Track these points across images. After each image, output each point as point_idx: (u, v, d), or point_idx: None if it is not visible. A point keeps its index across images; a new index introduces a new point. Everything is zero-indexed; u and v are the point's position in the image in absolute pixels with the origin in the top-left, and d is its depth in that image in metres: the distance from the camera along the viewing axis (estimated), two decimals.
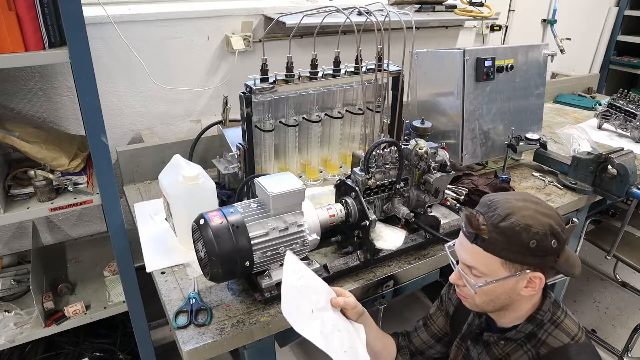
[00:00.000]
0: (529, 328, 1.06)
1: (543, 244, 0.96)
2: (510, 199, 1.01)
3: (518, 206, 0.98)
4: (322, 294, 1.10)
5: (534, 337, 1.05)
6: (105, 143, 1.40)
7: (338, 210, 1.28)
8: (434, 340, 1.33)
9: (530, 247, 0.95)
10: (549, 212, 0.99)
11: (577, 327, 1.06)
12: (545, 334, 1.04)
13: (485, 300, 1.05)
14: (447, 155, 1.43)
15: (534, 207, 0.99)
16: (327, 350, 1.00)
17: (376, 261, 1.34)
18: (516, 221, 0.96)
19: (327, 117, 1.73)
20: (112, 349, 1.97)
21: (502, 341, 1.10)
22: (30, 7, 1.23)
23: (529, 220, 0.96)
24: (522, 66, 1.92)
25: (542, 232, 0.95)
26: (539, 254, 0.97)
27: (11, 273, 1.77)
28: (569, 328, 1.05)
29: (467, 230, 1.02)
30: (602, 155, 1.73)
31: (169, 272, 1.31)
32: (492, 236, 0.97)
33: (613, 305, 2.81)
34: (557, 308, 1.08)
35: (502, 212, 0.98)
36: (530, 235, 0.95)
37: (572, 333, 1.04)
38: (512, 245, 0.96)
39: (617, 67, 3.81)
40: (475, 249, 1.00)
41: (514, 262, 0.98)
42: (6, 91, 1.70)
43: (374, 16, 1.51)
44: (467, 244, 1.02)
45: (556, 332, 1.04)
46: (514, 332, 1.07)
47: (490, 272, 1.00)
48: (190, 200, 1.31)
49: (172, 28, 1.90)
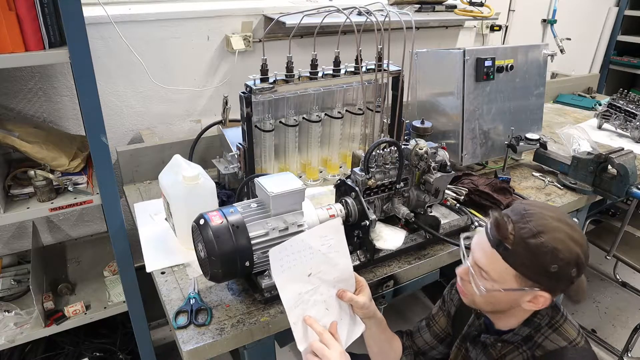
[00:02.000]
0: (526, 331, 1.05)
1: (564, 271, 0.93)
2: (546, 215, 0.96)
3: (552, 226, 0.93)
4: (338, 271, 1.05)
5: (530, 340, 1.04)
6: (105, 143, 1.39)
7: (338, 210, 1.28)
8: (436, 341, 1.33)
9: (550, 270, 0.92)
10: (580, 240, 0.95)
11: (577, 332, 1.05)
12: (542, 337, 1.03)
13: (485, 302, 1.04)
14: (447, 155, 1.43)
15: (567, 230, 0.94)
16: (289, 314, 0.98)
17: (376, 261, 1.34)
18: (546, 242, 0.91)
19: (327, 117, 1.73)
20: (112, 349, 1.97)
21: (499, 343, 1.09)
22: (30, 7, 1.23)
23: (558, 244, 0.92)
24: (522, 66, 1.92)
25: (567, 260, 0.92)
26: (555, 278, 0.94)
27: (11, 273, 1.77)
28: (567, 332, 1.03)
29: (492, 234, 0.98)
30: (602, 155, 1.73)
31: (169, 272, 1.31)
32: (517, 249, 0.94)
33: (613, 305, 2.81)
34: (556, 312, 1.06)
35: (535, 227, 0.93)
36: (554, 260, 0.92)
37: (570, 337, 1.02)
38: (533, 264, 0.93)
39: (617, 67, 3.81)
40: (494, 255, 0.96)
41: (528, 278, 0.95)
42: (6, 91, 1.70)
43: (374, 16, 1.51)
44: (487, 246, 0.98)
45: (553, 336, 1.03)
46: (511, 334, 1.07)
47: (501, 280, 0.98)
48: (190, 200, 1.31)
49: (172, 28, 1.90)
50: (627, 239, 2.28)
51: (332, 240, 1.04)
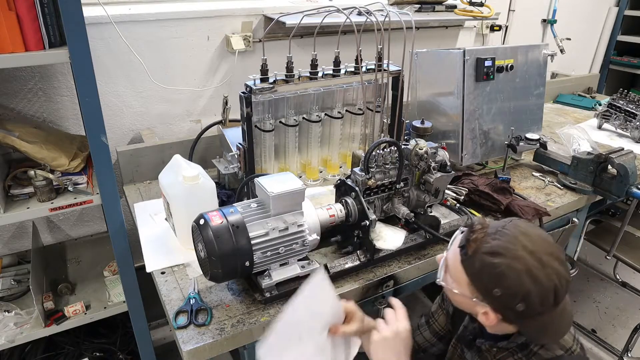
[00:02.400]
0: (521, 339, 1.04)
1: (507, 300, 0.91)
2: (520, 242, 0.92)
3: (516, 254, 0.90)
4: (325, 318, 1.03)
5: (526, 348, 1.04)
6: (105, 143, 1.39)
7: (338, 210, 1.28)
8: (436, 339, 1.33)
9: (492, 293, 0.92)
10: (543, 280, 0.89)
11: (572, 339, 1.04)
12: (538, 346, 1.03)
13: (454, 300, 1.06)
14: (447, 155, 1.43)
15: (532, 265, 0.90)
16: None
17: (376, 261, 1.34)
18: (498, 264, 0.90)
19: (327, 117, 1.73)
20: (112, 349, 1.97)
21: (494, 349, 1.09)
22: (30, 7, 1.23)
23: (509, 273, 0.90)
24: (522, 66, 1.92)
25: (513, 292, 0.90)
26: (500, 304, 0.93)
27: (11, 273, 1.77)
28: (564, 340, 1.02)
29: (463, 234, 1.00)
30: (602, 155, 1.73)
31: (169, 272, 1.31)
32: (473, 258, 0.94)
33: (613, 305, 2.81)
34: None
35: (497, 247, 0.92)
36: (498, 284, 0.91)
37: (567, 346, 1.02)
38: (480, 280, 0.94)
39: (617, 67, 3.81)
40: (456, 256, 0.98)
41: (478, 291, 0.95)
42: (6, 91, 1.70)
43: (374, 16, 1.51)
44: (457, 245, 1.00)
45: (549, 345, 1.02)
46: (506, 342, 1.06)
47: (457, 282, 0.99)
48: (190, 200, 1.31)
49: (172, 28, 1.90)
50: (627, 239, 2.28)
51: (317, 297, 1.01)
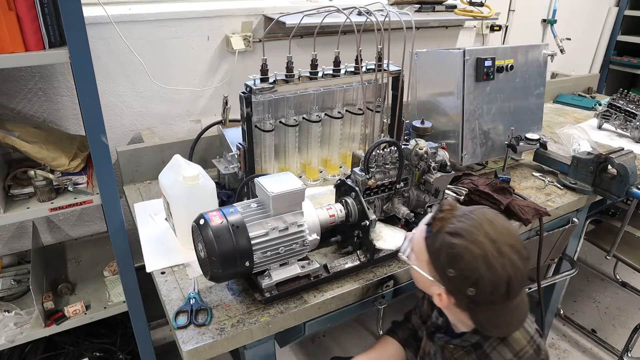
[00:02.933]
0: (475, 338, 1.05)
1: (460, 282, 0.93)
2: (482, 228, 0.93)
3: (476, 239, 0.92)
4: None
5: (479, 348, 1.04)
6: (105, 143, 1.40)
7: (338, 210, 1.28)
8: (421, 322, 1.35)
9: (447, 273, 0.94)
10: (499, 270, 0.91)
11: (527, 340, 1.03)
12: (490, 348, 1.03)
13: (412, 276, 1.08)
14: (447, 155, 1.43)
15: (490, 252, 0.91)
16: None
17: (376, 261, 1.34)
18: (456, 245, 0.92)
19: (327, 117, 1.73)
20: (112, 349, 1.97)
21: (450, 345, 1.10)
22: (30, 7, 1.23)
23: (465, 255, 0.91)
24: (522, 66, 1.92)
25: (465, 274, 0.92)
26: (453, 285, 0.95)
27: (11, 273, 1.77)
28: (516, 342, 1.02)
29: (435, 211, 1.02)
30: (602, 155, 1.73)
31: (169, 272, 1.31)
32: (435, 235, 0.97)
33: (613, 305, 2.81)
34: None
35: (459, 228, 0.94)
36: (453, 264, 0.93)
37: (518, 348, 1.02)
38: (437, 258, 0.96)
39: (617, 67, 3.81)
40: (423, 232, 1.01)
41: (435, 270, 0.98)
42: (6, 91, 1.70)
43: (374, 16, 1.51)
44: (425, 221, 1.03)
45: (500, 347, 1.02)
46: (460, 340, 1.07)
47: (419, 259, 1.02)
48: (190, 200, 1.31)
49: (172, 28, 1.90)
50: (627, 239, 2.28)
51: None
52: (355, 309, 1.33)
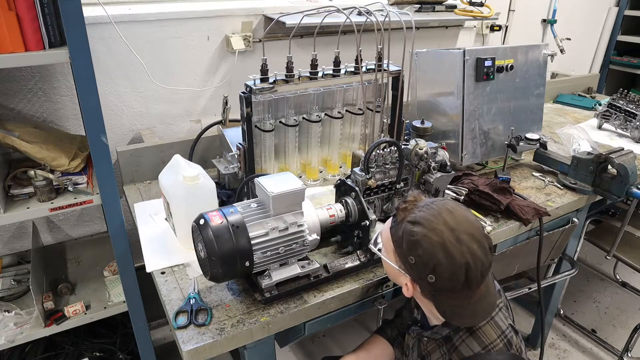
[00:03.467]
0: (445, 331, 1.06)
1: (420, 269, 0.96)
2: (442, 218, 0.96)
3: (435, 227, 0.95)
4: None
5: (449, 341, 1.06)
6: (105, 143, 1.40)
7: (338, 210, 1.29)
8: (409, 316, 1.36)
9: (408, 261, 0.98)
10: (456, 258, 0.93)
11: (498, 334, 1.04)
12: (460, 340, 1.04)
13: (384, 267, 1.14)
14: (447, 155, 1.43)
15: (449, 239, 0.93)
16: None
17: (376, 261, 1.33)
18: (415, 233, 0.96)
19: (327, 117, 1.74)
20: (112, 349, 1.97)
21: (424, 338, 1.12)
22: (30, 7, 1.23)
23: (424, 242, 0.94)
24: (522, 66, 1.92)
25: (425, 261, 0.95)
26: (415, 272, 0.98)
27: (11, 273, 1.77)
28: (485, 336, 1.03)
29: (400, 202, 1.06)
30: (602, 155, 1.73)
31: (169, 272, 1.31)
32: (398, 225, 1.01)
33: (613, 305, 2.81)
34: None
35: (419, 218, 0.97)
36: (412, 251, 0.96)
37: (487, 342, 1.02)
38: (400, 246, 1.00)
39: (617, 67, 3.81)
40: (388, 223, 1.07)
41: (399, 258, 1.01)
42: (6, 91, 1.70)
43: (374, 16, 1.51)
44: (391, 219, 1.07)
45: (469, 340, 1.03)
46: (431, 332, 1.10)
47: (386, 248, 1.07)
48: (190, 200, 1.31)
49: (172, 28, 1.90)
50: (627, 239, 2.28)
51: None
52: (355, 309, 1.33)
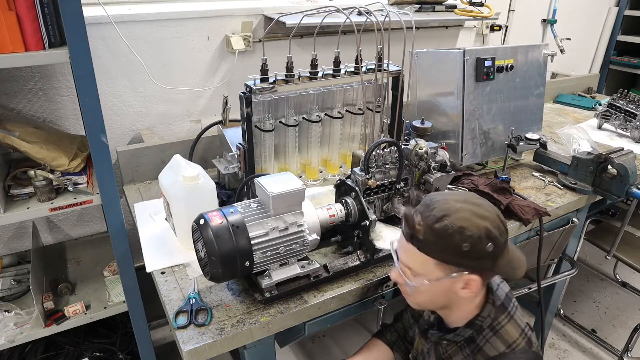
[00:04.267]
0: (467, 332, 1.05)
1: (477, 247, 0.94)
2: (450, 199, 0.99)
3: (455, 207, 0.96)
4: None
5: (472, 342, 1.05)
6: (105, 143, 1.40)
7: (338, 210, 1.28)
8: (413, 320, 1.35)
9: (463, 249, 0.94)
10: (488, 215, 0.97)
11: (519, 332, 1.04)
12: (483, 341, 1.03)
13: (424, 300, 1.06)
14: (447, 155, 1.43)
15: (472, 208, 0.97)
16: None
17: (376, 261, 1.34)
18: (450, 223, 0.94)
19: (327, 117, 1.73)
20: (112, 349, 1.97)
21: (444, 341, 1.10)
22: (30, 7, 1.23)
23: (463, 223, 0.94)
24: (522, 66, 1.92)
25: (477, 236, 0.94)
26: (473, 256, 0.95)
27: (11, 273, 1.77)
28: (508, 334, 1.03)
29: (404, 229, 1.02)
30: (602, 155, 1.73)
31: (169, 272, 1.31)
32: (427, 237, 0.97)
33: (613, 305, 2.81)
34: (500, 313, 1.06)
35: (438, 212, 0.96)
36: (463, 238, 0.93)
37: (510, 340, 1.02)
38: (445, 248, 0.96)
39: (617, 67, 3.81)
40: (411, 248, 1.00)
41: (449, 263, 0.97)
42: (6, 91, 1.70)
43: (374, 16, 1.51)
44: (404, 242, 1.02)
45: (493, 340, 1.03)
46: (453, 334, 1.08)
47: (426, 273, 1.00)
48: (190, 200, 1.31)
49: (172, 28, 1.90)
50: (627, 239, 2.28)
51: None
52: (355, 309, 1.33)
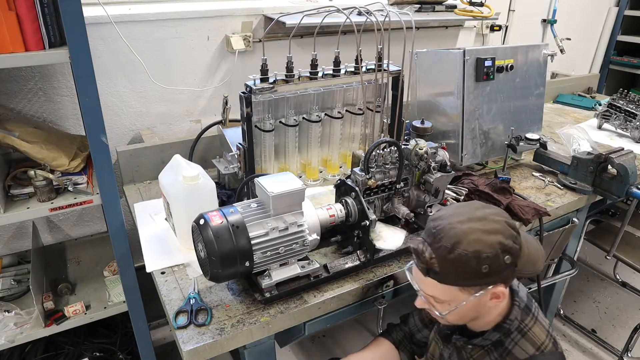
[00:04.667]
0: (495, 336, 1.05)
1: (496, 264, 0.94)
2: (454, 222, 0.97)
3: (463, 231, 0.95)
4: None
5: (500, 346, 1.04)
6: (105, 143, 1.40)
7: (338, 210, 1.28)
8: (422, 325, 1.35)
9: (483, 272, 0.94)
10: (497, 227, 0.96)
11: (546, 334, 1.05)
12: (512, 344, 1.03)
13: (455, 319, 1.05)
14: (447, 155, 1.43)
15: (479, 226, 0.95)
16: None
17: (376, 261, 1.34)
18: (463, 250, 0.93)
19: (327, 117, 1.73)
20: (112, 349, 1.97)
21: (469, 346, 1.10)
22: (30, 7, 1.23)
23: (476, 246, 0.93)
24: (522, 66, 1.92)
25: (493, 255, 0.93)
26: (494, 273, 0.95)
27: (11, 273, 1.77)
28: (536, 337, 1.03)
29: (418, 263, 1.00)
30: (602, 155, 1.73)
31: (169, 272, 1.31)
32: (443, 269, 0.96)
33: (613, 305, 2.81)
34: (526, 314, 1.06)
35: (448, 242, 0.94)
36: (480, 262, 0.93)
37: (539, 342, 1.03)
38: (464, 274, 0.95)
39: (617, 67, 3.81)
40: (430, 281, 0.99)
41: (472, 286, 0.97)
42: (6, 91, 1.70)
43: (374, 16, 1.51)
44: (421, 276, 1.00)
45: (522, 342, 1.03)
46: (481, 339, 1.07)
47: (452, 299, 0.99)
48: (190, 200, 1.31)
49: (172, 28, 1.90)
50: (627, 239, 2.28)
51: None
52: (355, 309, 1.33)
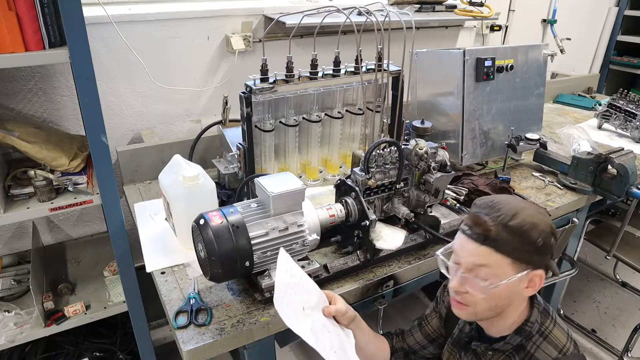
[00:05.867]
0: (517, 340, 1.04)
1: (547, 242, 0.98)
2: (510, 199, 1.03)
3: (521, 206, 0.99)
4: (313, 293, 1.08)
5: (522, 350, 1.04)
6: (105, 143, 1.40)
7: (338, 210, 1.28)
8: (427, 341, 1.32)
9: (537, 245, 0.96)
10: (545, 212, 1.03)
11: (566, 337, 1.05)
12: (534, 347, 1.03)
13: (484, 308, 1.02)
14: (447, 155, 1.43)
15: (532, 206, 1.02)
16: (317, 347, 0.99)
17: (376, 261, 1.34)
18: (524, 220, 0.96)
19: (327, 117, 1.73)
20: (112, 349, 1.97)
21: (490, 352, 1.09)
22: (30, 7, 1.23)
23: (534, 219, 0.97)
24: (522, 66, 1.92)
25: (547, 231, 0.97)
26: (543, 252, 0.98)
27: (11, 273, 1.77)
28: (558, 339, 1.03)
29: (474, 232, 0.99)
30: (602, 155, 1.73)
31: (169, 272, 1.31)
32: (503, 236, 0.96)
33: (613, 305, 2.81)
34: (545, 317, 1.06)
35: (509, 211, 0.97)
36: (538, 234, 0.96)
37: (560, 345, 1.03)
38: (523, 245, 0.96)
39: (617, 67, 3.81)
40: (485, 251, 0.97)
41: (522, 261, 0.97)
42: (6, 91, 1.70)
43: (374, 16, 1.51)
44: (474, 246, 0.98)
45: (544, 345, 1.03)
46: (502, 343, 1.06)
47: (501, 273, 0.97)
48: (190, 200, 1.31)
49: (172, 28, 1.90)
50: (627, 239, 2.28)
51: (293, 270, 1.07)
52: (355, 309, 1.32)
